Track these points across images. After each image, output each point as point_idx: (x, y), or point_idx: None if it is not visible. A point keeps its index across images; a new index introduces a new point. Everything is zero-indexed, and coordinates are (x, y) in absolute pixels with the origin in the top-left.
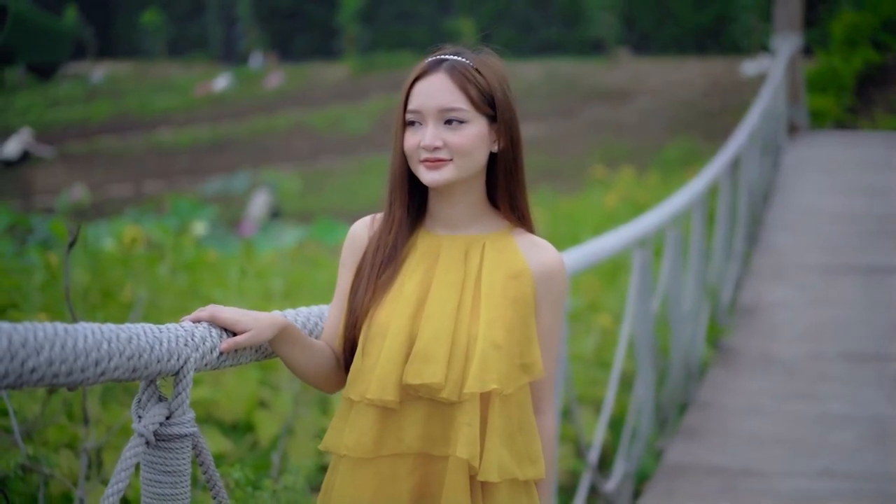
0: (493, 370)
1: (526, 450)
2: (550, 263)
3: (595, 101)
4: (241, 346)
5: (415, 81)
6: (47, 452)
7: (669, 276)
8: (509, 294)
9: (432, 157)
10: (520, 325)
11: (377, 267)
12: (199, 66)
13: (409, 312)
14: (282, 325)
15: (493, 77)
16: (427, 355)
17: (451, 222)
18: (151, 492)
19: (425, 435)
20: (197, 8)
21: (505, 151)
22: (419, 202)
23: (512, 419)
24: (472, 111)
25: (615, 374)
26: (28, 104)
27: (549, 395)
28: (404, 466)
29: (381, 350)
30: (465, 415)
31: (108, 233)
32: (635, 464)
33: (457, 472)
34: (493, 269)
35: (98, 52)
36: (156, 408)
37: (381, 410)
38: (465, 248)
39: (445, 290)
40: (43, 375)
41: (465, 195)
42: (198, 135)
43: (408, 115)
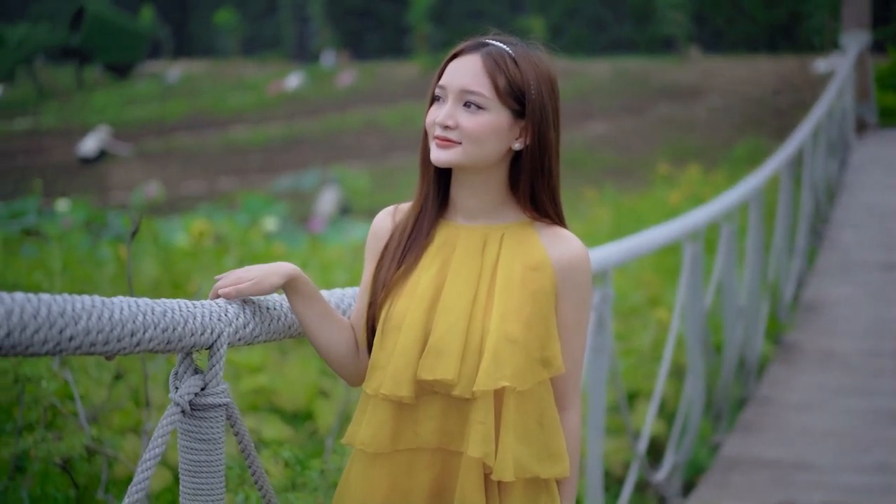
0: (507, 365)
1: (547, 447)
2: (573, 255)
3: (664, 99)
4: (245, 293)
5: (452, 58)
6: (112, 435)
7: (723, 271)
8: (528, 286)
9: (443, 135)
10: (539, 318)
11: (398, 257)
12: (272, 65)
13: (425, 306)
14: (290, 273)
15: (531, 73)
16: (440, 350)
17: (470, 212)
18: (188, 458)
19: (442, 430)
20: (271, 7)
21: (531, 151)
22: (445, 191)
23: (530, 415)
24: (493, 99)
25: (664, 366)
26: (105, 103)
27: (572, 391)
28: (421, 461)
29: (396, 344)
30: (479, 412)
31: (181, 228)
32: (686, 456)
33: (470, 471)
34: (511, 260)
35: (174, 51)
36: (191, 379)
37: (396, 405)
38: (482, 239)
39: (461, 282)
40: (81, 344)
41: (484, 186)
42: (271, 133)
43: (436, 91)
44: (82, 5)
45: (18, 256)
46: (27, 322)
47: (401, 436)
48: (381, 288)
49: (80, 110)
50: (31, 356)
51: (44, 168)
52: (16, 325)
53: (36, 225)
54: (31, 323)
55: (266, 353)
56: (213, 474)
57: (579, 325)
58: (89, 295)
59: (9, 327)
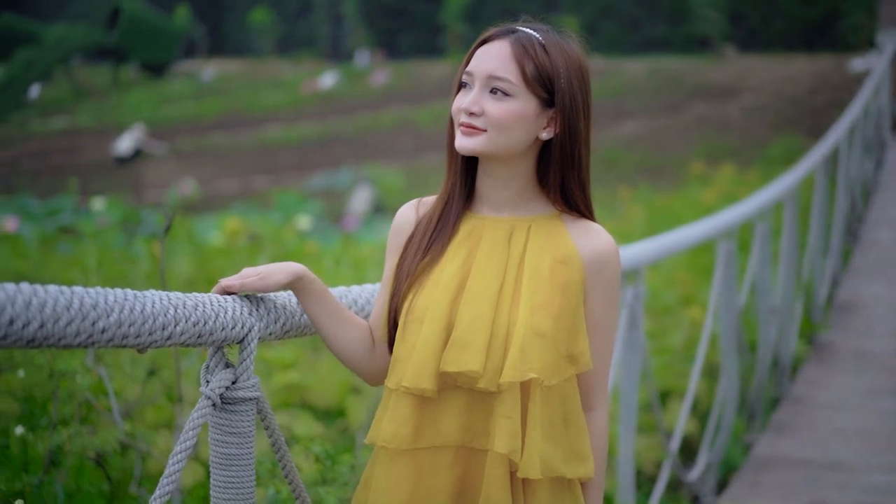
0: (535, 359)
1: (573, 447)
2: (602, 248)
3: (699, 98)
4: (248, 287)
5: (481, 44)
6: (145, 431)
7: (757, 270)
8: (557, 279)
9: (468, 122)
10: (568, 312)
11: (423, 248)
12: (306, 64)
13: (449, 297)
14: (296, 272)
15: (561, 61)
16: (465, 342)
17: (496, 204)
18: (219, 451)
19: (465, 426)
20: (305, 7)
21: (560, 142)
22: (472, 182)
23: (556, 412)
24: (521, 87)
25: (697, 365)
26: (141, 102)
27: (600, 389)
28: (444, 459)
29: (419, 336)
30: (505, 406)
31: (215, 226)
32: (719, 455)
33: (496, 468)
34: (539, 252)
35: (209, 50)
36: (223, 373)
37: (418, 400)
38: (509, 231)
39: (486, 273)
40: (113, 336)
41: (510, 176)
42: (305, 132)
43: (462, 77)
44: (118, 5)
45: (54, 253)
46: (60, 314)
47: (423, 432)
48: (404, 279)
49: (115, 109)
50: (64, 348)
51: (79, 167)
52: (49, 317)
53: (72, 223)
54: (63, 315)
55: (298, 350)
56: (243, 467)
57: (608, 321)
58: (122, 289)
59: (42, 319)
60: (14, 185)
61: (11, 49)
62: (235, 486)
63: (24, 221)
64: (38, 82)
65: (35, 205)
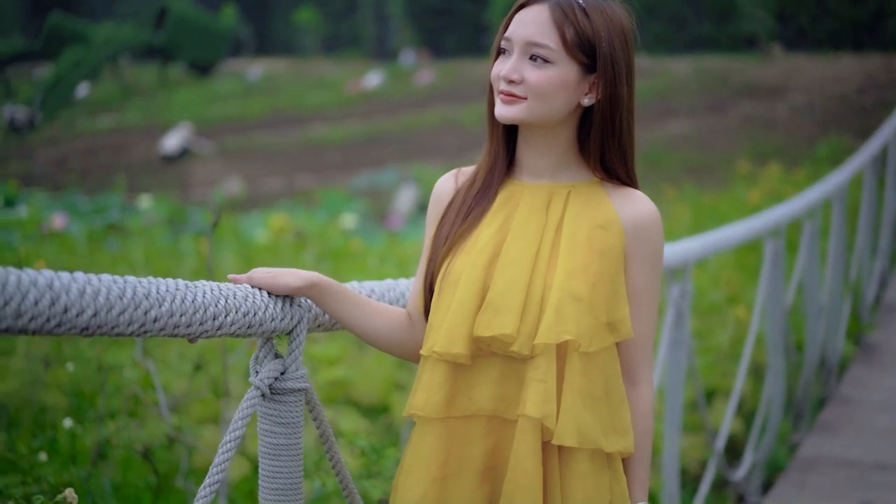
0: (571, 322)
1: (613, 419)
2: (643, 214)
3: (746, 98)
4: (255, 282)
5: (519, 9)
6: (191, 425)
7: (804, 269)
8: (595, 245)
9: (507, 90)
10: (606, 278)
11: (462, 213)
12: (351, 63)
13: (484, 262)
14: (309, 279)
15: (602, 25)
16: (499, 306)
17: (536, 171)
18: (267, 441)
19: (498, 395)
20: (351, 6)
21: (601, 108)
22: (513, 149)
23: (595, 382)
24: (561, 52)
25: (743, 364)
26: (188, 100)
27: (644, 363)
28: (477, 429)
29: (453, 301)
30: (538, 370)
31: (261, 224)
32: (765, 455)
33: (526, 433)
34: (578, 217)
35: (256, 49)
36: (272, 364)
37: (452, 367)
38: (547, 197)
39: (523, 238)
40: (164, 325)
41: (551, 143)
42: (350, 131)
43: (502, 43)
44: (166, 5)
45: (102, 250)
46: (113, 303)
47: (455, 400)
48: (442, 244)
49: (162, 108)
50: (116, 337)
51: (127, 165)
52: (102, 306)
53: (119, 220)
54: (116, 304)
55: (343, 347)
56: (291, 457)
57: (650, 290)
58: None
59: (96, 307)
60: (62, 182)
61: (60, 48)
62: (283, 475)
63: (72, 219)
64: (87, 81)
65: (83, 202)
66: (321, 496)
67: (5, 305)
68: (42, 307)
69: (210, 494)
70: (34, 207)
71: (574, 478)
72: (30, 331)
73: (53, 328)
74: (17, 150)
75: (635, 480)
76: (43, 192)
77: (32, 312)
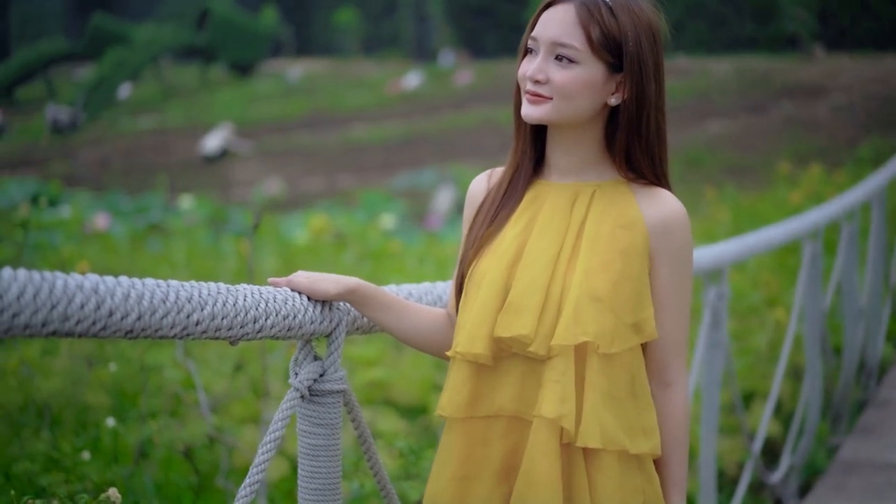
0: (590, 323)
1: (638, 420)
2: (668, 213)
3: (787, 98)
4: (295, 287)
5: (546, 8)
6: (232, 425)
7: (843, 271)
8: (618, 244)
9: (533, 90)
10: (629, 278)
11: (490, 215)
12: (391, 64)
13: (507, 261)
14: (348, 285)
15: (629, 24)
16: (518, 307)
17: (563, 170)
18: (307, 443)
19: (519, 396)
20: (390, 6)
21: (627, 107)
22: (542, 150)
23: (618, 383)
24: (586, 52)
25: (781, 367)
26: (228, 101)
27: (676, 364)
28: (497, 429)
29: (476, 301)
30: (555, 371)
31: (301, 224)
32: (803, 458)
33: (540, 434)
34: (601, 216)
35: (296, 50)
36: (311, 366)
37: (475, 367)
38: (573, 196)
39: (545, 237)
40: (206, 328)
41: (578, 143)
42: (389, 131)
43: (528, 42)
44: (207, 6)
45: (144, 250)
46: (157, 306)
47: (478, 401)
48: (471, 245)
49: (203, 109)
50: (159, 339)
51: (168, 165)
52: (146, 309)
53: (160, 220)
54: (160, 307)
55: (382, 348)
56: (330, 458)
57: (680, 290)
58: (214, 282)
59: (140, 311)
60: (104, 182)
61: (102, 49)
62: (322, 476)
63: (114, 219)
64: (129, 82)
65: (125, 202)
66: (360, 497)
67: (52, 309)
68: (88, 311)
69: (250, 495)
70: (77, 208)
71: (604, 479)
72: (76, 333)
73: (99, 331)
74: (60, 151)
75: (671, 483)
76: (85, 193)
77: (79, 316)
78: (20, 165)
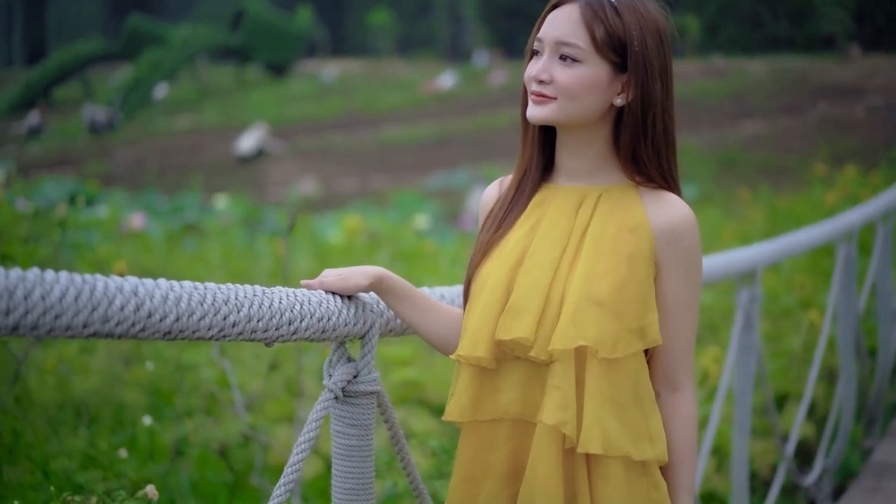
0: (590, 327)
1: (644, 426)
2: (675, 218)
3: (823, 99)
4: (328, 286)
5: (552, 9)
6: (266, 424)
7: (878, 273)
8: (623, 248)
9: (538, 90)
10: (633, 283)
11: (497, 219)
12: (425, 64)
13: (510, 265)
14: (376, 274)
15: (634, 23)
16: (518, 310)
17: (571, 173)
18: (340, 443)
19: (523, 400)
20: (424, 7)
21: (632, 108)
22: (551, 154)
23: (622, 388)
24: (590, 51)
25: (814, 369)
26: (263, 101)
27: (683, 371)
28: (502, 433)
29: (478, 305)
30: (555, 376)
31: (335, 224)
32: (836, 460)
33: (544, 440)
34: (606, 220)
35: (330, 50)
36: (344, 367)
37: (478, 371)
38: (579, 199)
39: (548, 240)
40: (242, 330)
41: (586, 145)
42: (423, 131)
43: (535, 44)
44: (243, 7)
45: (179, 250)
46: (194, 308)
47: (482, 404)
48: (478, 251)
49: (238, 109)
50: (196, 340)
51: (203, 164)
52: (184, 311)
53: (196, 220)
54: (198, 309)
55: (415, 348)
56: (363, 458)
57: (686, 296)
58: (250, 285)
59: (178, 313)
60: (141, 181)
61: (139, 50)
62: (355, 476)
63: (150, 218)
64: (165, 82)
65: (161, 201)
66: (393, 495)
67: (93, 311)
68: (127, 312)
69: (285, 494)
70: (113, 207)
71: (607, 486)
72: (116, 335)
73: (138, 332)
74: (97, 151)
75: (679, 488)
76: (122, 192)
77: (119, 318)
78: (58, 165)
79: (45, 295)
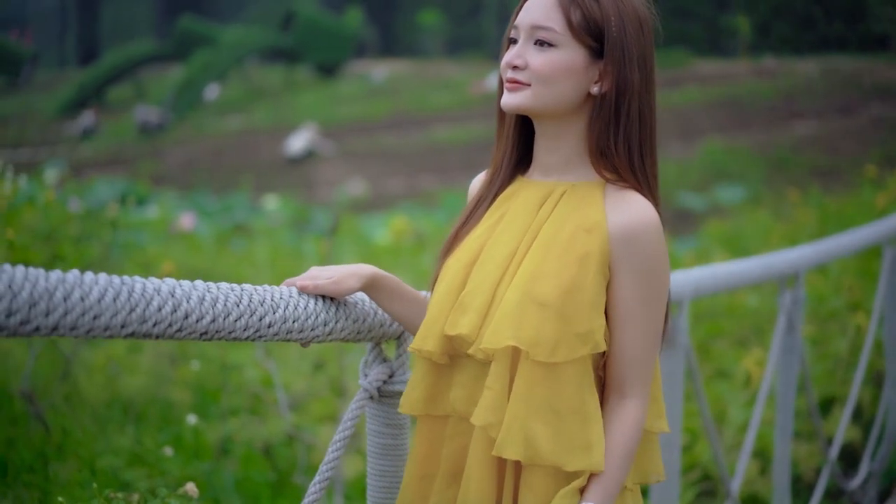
0: (529, 328)
1: (581, 435)
2: (633, 219)
3: (876, 99)
4: (322, 290)
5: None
6: (310, 423)
7: None
8: (576, 249)
9: (512, 76)
10: (583, 286)
11: (466, 214)
12: (474, 65)
13: (468, 259)
14: (368, 275)
15: (612, 8)
16: (466, 305)
17: (546, 167)
18: (376, 442)
19: (469, 398)
20: (474, 8)
21: (607, 96)
22: (527, 147)
23: (562, 395)
24: (566, 36)
25: (859, 372)
26: (313, 102)
27: (635, 378)
28: (449, 429)
29: (434, 298)
30: (490, 376)
31: (382, 225)
32: (882, 464)
33: (479, 442)
34: (564, 218)
35: (380, 51)
36: (380, 367)
37: (431, 366)
38: (545, 195)
39: (507, 236)
40: (278, 331)
41: (561, 138)
42: (472, 132)
43: (511, 32)
44: (293, 8)
45: (228, 250)
46: (230, 309)
47: (434, 399)
48: (446, 244)
49: (288, 109)
50: (233, 340)
51: (254, 165)
52: (220, 313)
53: (245, 220)
54: (234, 310)
55: None
56: (398, 457)
57: (644, 304)
58: (286, 287)
59: (214, 314)
60: (191, 182)
61: (190, 50)
62: (390, 474)
63: (200, 218)
64: (216, 83)
65: (211, 202)
66: None
67: (131, 312)
68: (165, 313)
69: (320, 491)
70: (164, 207)
71: (529, 495)
72: (153, 335)
73: (175, 332)
74: (149, 151)
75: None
76: (172, 192)
77: (156, 318)
78: (109, 165)
79: (83, 296)
